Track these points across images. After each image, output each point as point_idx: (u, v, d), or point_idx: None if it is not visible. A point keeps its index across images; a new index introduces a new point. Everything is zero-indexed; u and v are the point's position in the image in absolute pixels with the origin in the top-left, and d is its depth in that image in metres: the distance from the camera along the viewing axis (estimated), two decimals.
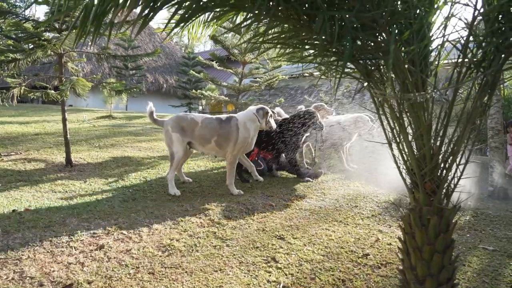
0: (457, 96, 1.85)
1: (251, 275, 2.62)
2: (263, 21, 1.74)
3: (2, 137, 7.30)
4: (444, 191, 1.95)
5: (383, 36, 1.78)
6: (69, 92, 5.20)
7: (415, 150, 1.95)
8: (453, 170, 1.92)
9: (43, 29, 5.04)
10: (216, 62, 10.02)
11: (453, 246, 2.00)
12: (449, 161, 1.91)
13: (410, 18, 1.80)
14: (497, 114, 5.03)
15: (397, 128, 1.97)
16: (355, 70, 2.07)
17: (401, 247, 2.10)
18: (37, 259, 2.63)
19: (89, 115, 11.70)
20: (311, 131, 5.41)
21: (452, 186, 1.96)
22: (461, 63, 1.80)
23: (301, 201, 4.31)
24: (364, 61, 1.97)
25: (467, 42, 1.72)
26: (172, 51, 24.18)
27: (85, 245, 2.89)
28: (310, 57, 2.10)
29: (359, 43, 1.87)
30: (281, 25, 1.82)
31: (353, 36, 1.68)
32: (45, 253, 2.72)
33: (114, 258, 2.73)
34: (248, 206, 4.01)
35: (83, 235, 3.04)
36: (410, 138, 1.94)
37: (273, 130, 4.82)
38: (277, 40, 1.92)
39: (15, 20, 4.80)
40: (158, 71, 21.63)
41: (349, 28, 1.61)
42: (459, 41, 1.79)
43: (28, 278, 2.39)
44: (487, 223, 3.85)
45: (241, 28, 1.78)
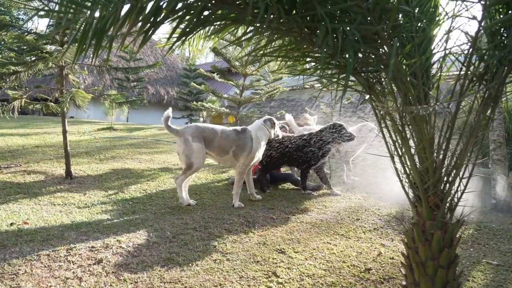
0: (460, 109, 1.84)
1: None
2: (264, 34, 1.73)
3: (3, 149, 7.29)
4: (448, 205, 1.92)
5: (385, 49, 1.77)
6: (69, 104, 5.20)
7: (417, 163, 1.93)
8: (456, 184, 1.90)
9: (44, 41, 5.07)
10: (217, 74, 10.05)
11: (457, 261, 1.96)
12: (452, 174, 1.89)
13: (411, 31, 1.80)
14: (499, 126, 5.01)
15: (399, 141, 1.95)
16: (356, 83, 2.07)
17: (404, 262, 2.06)
18: (34, 273, 2.59)
19: (90, 127, 11.71)
20: (342, 143, 5.31)
21: (456, 200, 1.93)
22: (463, 76, 1.79)
23: (302, 214, 4.27)
24: (366, 74, 1.97)
25: (470, 55, 1.72)
26: (174, 63, 24.34)
27: (83, 259, 2.85)
28: (311, 69, 2.09)
29: (360, 56, 1.87)
30: (282, 38, 1.82)
31: (355, 49, 1.67)
32: (42, 268, 2.68)
33: (113, 272, 2.68)
34: (249, 219, 3.97)
35: (81, 249, 3.00)
36: (413, 151, 1.92)
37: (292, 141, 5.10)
38: (278, 53, 1.91)
39: (17, 33, 4.84)
40: (159, 83, 21.74)
41: (351, 41, 1.61)
42: (461, 54, 1.79)
43: None
44: (490, 237, 3.80)
45: (242, 41, 1.78)
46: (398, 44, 1.71)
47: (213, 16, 1.49)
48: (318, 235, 3.66)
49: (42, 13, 2.33)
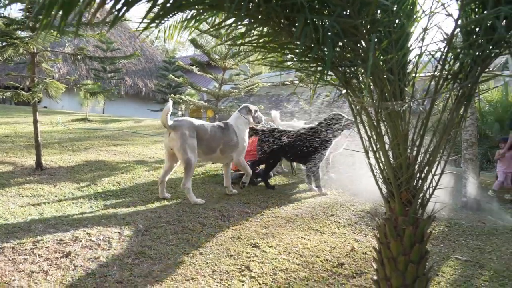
0: (434, 107, 1.86)
1: (224, 285, 2.55)
2: (243, 22, 1.69)
3: None
4: (420, 201, 1.95)
5: (363, 44, 1.77)
6: (42, 94, 5.01)
7: (391, 159, 1.94)
8: (428, 180, 1.92)
9: (15, 27, 4.85)
10: (197, 67, 9.93)
11: (427, 257, 1.99)
12: (425, 171, 1.91)
13: (389, 27, 1.80)
14: (471, 126, 5.14)
15: (374, 136, 1.96)
16: (333, 78, 2.06)
17: (376, 257, 2.07)
18: None
19: (64, 117, 11.36)
20: (344, 132, 5.26)
21: (428, 196, 1.96)
22: (438, 74, 1.81)
23: (277, 209, 4.27)
24: (343, 68, 1.96)
25: (445, 54, 1.73)
26: (153, 55, 23.87)
27: (50, 252, 2.75)
28: (290, 62, 2.07)
29: (338, 50, 1.85)
30: (261, 27, 1.78)
31: (334, 42, 1.66)
32: (6, 261, 2.57)
33: (81, 266, 2.60)
34: (224, 213, 3.94)
35: (48, 241, 2.90)
36: (387, 147, 1.93)
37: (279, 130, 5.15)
38: (256, 43, 1.88)
39: None
40: (137, 75, 21.29)
41: (330, 34, 1.59)
42: (437, 52, 1.80)
43: None
44: (460, 233, 3.90)
45: (220, 29, 1.73)
46: (376, 40, 1.70)
47: (189, 0, 1.43)
48: (292, 230, 3.66)
49: None
